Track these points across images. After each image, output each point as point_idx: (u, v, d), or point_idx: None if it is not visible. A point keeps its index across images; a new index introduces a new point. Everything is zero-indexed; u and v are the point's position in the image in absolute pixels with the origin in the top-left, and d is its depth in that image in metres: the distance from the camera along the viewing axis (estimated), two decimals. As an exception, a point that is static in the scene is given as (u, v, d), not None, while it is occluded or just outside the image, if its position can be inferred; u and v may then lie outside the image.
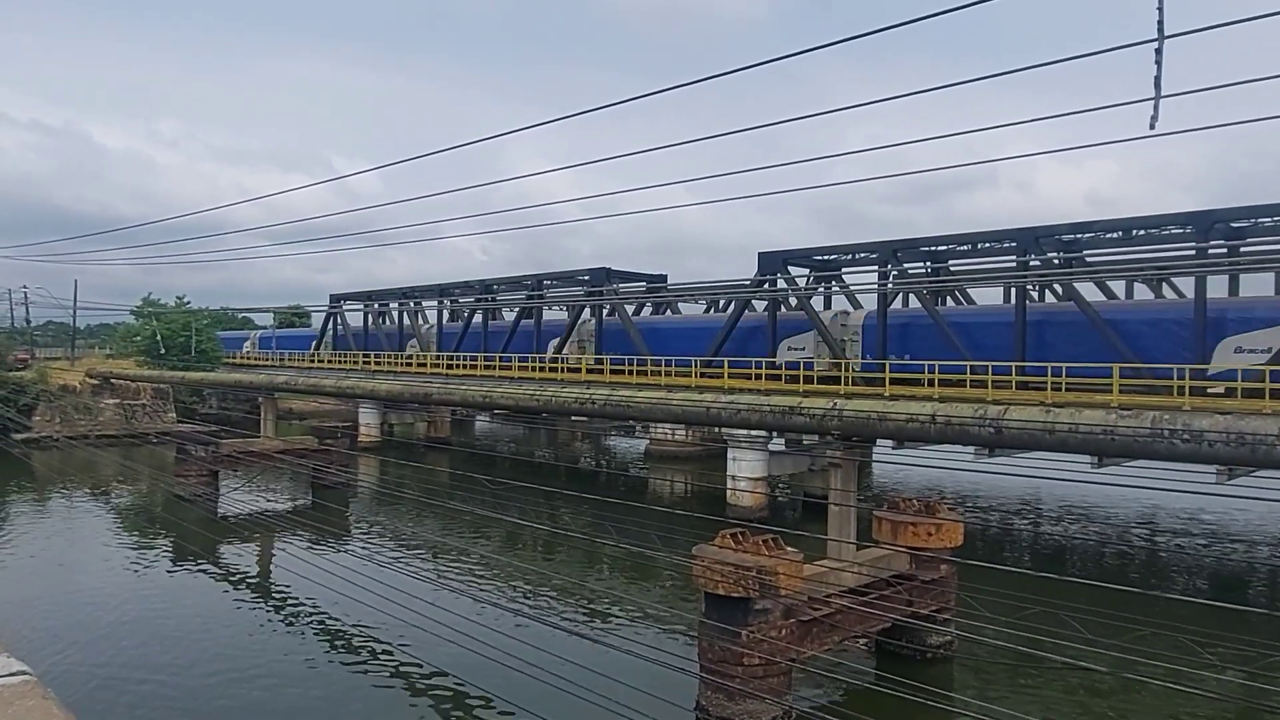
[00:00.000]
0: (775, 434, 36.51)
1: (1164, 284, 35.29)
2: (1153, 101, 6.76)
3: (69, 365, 77.71)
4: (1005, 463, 26.26)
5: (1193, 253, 29.34)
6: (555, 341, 51.16)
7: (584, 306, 49.75)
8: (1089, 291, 32.41)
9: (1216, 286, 29.71)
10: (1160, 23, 6.57)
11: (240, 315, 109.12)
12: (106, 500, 43.42)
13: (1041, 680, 19.03)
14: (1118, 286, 35.92)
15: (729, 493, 38.33)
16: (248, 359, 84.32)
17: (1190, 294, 29.24)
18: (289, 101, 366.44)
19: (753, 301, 41.76)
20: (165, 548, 32.58)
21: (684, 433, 54.94)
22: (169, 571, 29.15)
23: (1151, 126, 6.87)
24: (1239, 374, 23.33)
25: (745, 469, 38.20)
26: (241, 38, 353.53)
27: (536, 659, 17.19)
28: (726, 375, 35.15)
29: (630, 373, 39.77)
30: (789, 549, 17.55)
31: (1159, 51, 6.65)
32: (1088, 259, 32.32)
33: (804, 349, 39.16)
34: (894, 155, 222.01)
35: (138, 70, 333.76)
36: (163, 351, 75.69)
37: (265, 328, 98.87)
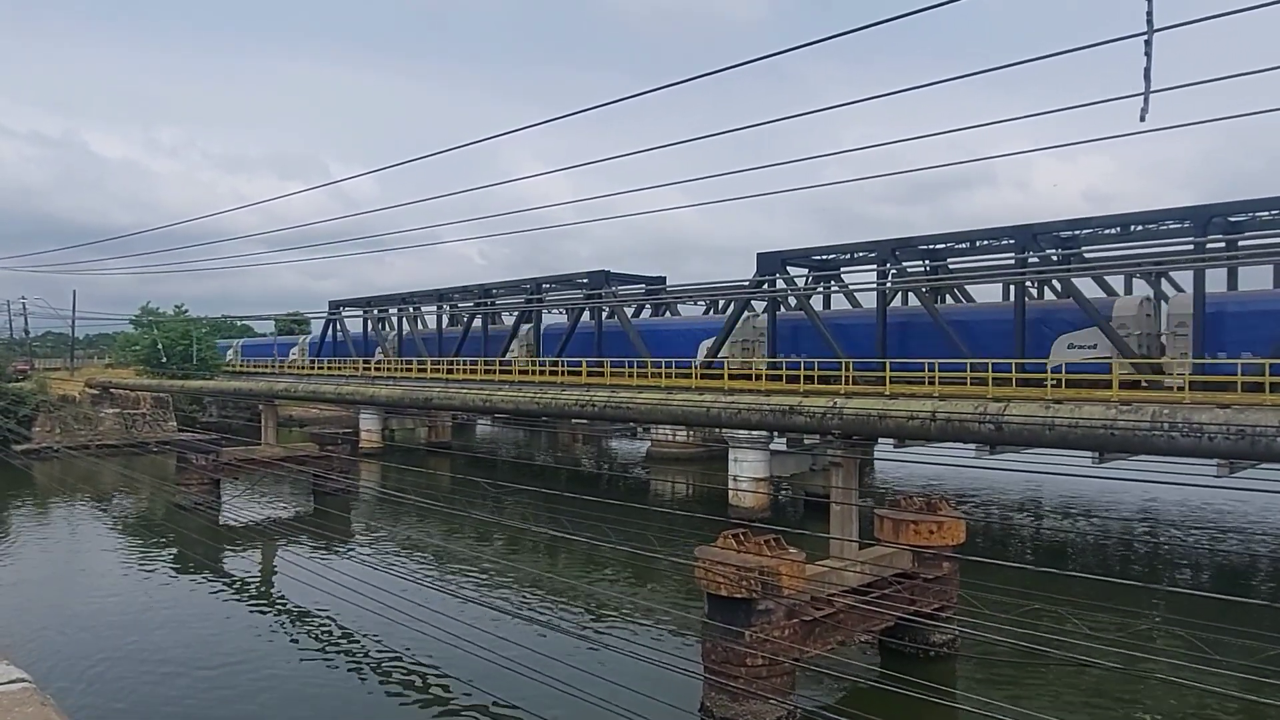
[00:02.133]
0: (776, 434, 36.52)
1: (1162, 279, 35.29)
2: (1143, 95, 6.78)
3: (68, 375, 77.85)
4: (1007, 460, 26.29)
5: (1190, 248, 29.36)
6: (708, 343, 42.33)
7: (748, 305, 41.53)
8: (1089, 288, 32.41)
9: (1215, 281, 29.75)
10: (1150, 14, 6.61)
11: (240, 323, 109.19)
12: (108, 510, 43.42)
13: (1045, 676, 19.01)
14: (1116, 282, 35.90)
15: (730, 493, 38.33)
16: (296, 368, 73.97)
17: (1189, 288, 29.40)
18: (288, 104, 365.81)
19: (752, 302, 41.76)
20: (167, 556, 32.55)
21: (685, 434, 54.93)
22: (171, 580, 29.12)
23: (1141, 119, 6.90)
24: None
25: (747, 469, 38.20)
26: (240, 41, 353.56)
27: (539, 662, 17.21)
28: (727, 376, 35.09)
29: (631, 375, 39.73)
30: (791, 549, 17.56)
31: (1148, 43, 6.68)
32: (1086, 255, 32.34)
33: (1094, 346, 30.06)
34: (891, 155, 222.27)
35: (135, 76, 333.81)
36: (163, 360, 75.68)
37: (267, 335, 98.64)
